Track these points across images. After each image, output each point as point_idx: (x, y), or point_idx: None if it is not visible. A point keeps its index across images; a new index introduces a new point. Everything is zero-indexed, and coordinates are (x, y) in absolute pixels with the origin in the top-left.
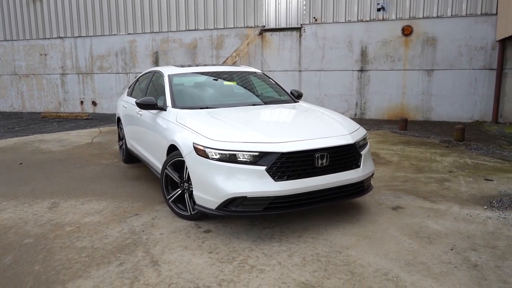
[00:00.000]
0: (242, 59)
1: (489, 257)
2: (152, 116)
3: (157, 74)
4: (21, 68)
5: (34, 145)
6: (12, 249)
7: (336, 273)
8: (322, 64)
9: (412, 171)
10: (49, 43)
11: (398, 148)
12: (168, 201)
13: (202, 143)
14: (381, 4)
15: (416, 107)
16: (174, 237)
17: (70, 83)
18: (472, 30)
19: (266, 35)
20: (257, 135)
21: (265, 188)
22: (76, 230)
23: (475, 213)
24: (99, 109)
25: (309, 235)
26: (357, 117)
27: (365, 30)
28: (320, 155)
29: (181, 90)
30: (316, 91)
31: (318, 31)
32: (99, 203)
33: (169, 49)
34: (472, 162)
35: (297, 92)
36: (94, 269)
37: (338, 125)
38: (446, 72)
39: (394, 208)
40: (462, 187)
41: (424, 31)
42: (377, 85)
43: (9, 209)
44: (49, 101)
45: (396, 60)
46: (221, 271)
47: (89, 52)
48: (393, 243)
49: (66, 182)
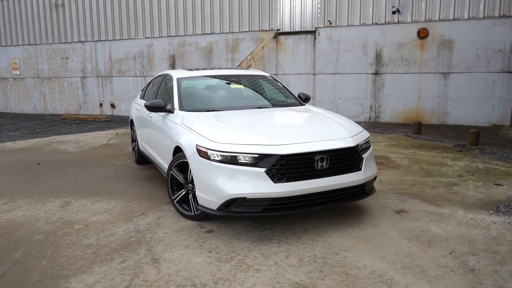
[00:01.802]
0: (257, 62)
1: (488, 262)
2: (160, 118)
3: (167, 77)
4: (44, 71)
5: (53, 146)
6: (22, 244)
7: (331, 274)
8: (336, 67)
9: (421, 175)
10: (70, 47)
11: (410, 152)
12: (173, 201)
13: (205, 145)
14: (396, 6)
15: (432, 111)
16: (177, 237)
17: (90, 86)
18: (490, 33)
19: (280, 39)
20: (258, 137)
21: (264, 189)
22: (84, 228)
23: (479, 218)
24: (117, 111)
25: (309, 237)
26: (372, 120)
27: (380, 33)
28: (320, 158)
29: (188, 93)
30: (331, 94)
31: (332, 34)
32: (108, 203)
33: (185, 52)
34: (484, 166)
35: (304, 95)
36: (98, 265)
37: (340, 128)
38: (462, 75)
39: (397, 211)
40: (470, 192)
41: (440, 33)
42: (392, 88)
43: (24, 207)
44: (69, 103)
45: (411, 63)
46: (218, 270)
47: (108, 56)
48: (392, 246)
49: (79, 182)
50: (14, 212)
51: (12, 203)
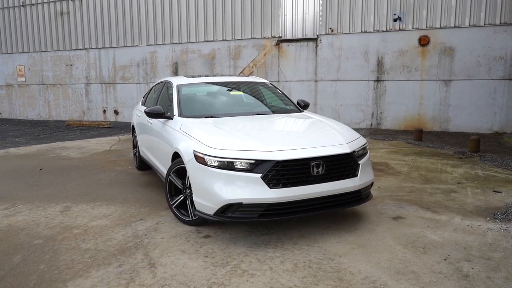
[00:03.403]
0: (259, 69)
1: (482, 268)
2: (160, 124)
3: (167, 84)
4: (48, 78)
5: (56, 152)
6: (22, 249)
7: (325, 279)
8: (338, 74)
9: (419, 182)
10: (74, 54)
11: (410, 159)
12: (171, 207)
13: (202, 150)
14: (397, 14)
15: (433, 118)
16: (174, 241)
17: (94, 92)
18: (491, 40)
19: (282, 46)
20: (255, 143)
21: (260, 195)
22: (83, 233)
23: (476, 225)
24: (121, 117)
25: (305, 243)
26: (373, 127)
27: (382, 40)
28: (315, 164)
29: (188, 100)
30: (332, 101)
31: (334, 41)
32: (108, 208)
33: (188, 59)
34: (484, 173)
35: (303, 102)
36: (95, 269)
37: (336, 134)
38: (464, 83)
39: (394, 218)
40: (468, 199)
41: (441, 41)
42: (393, 95)
43: (24, 212)
44: (74, 110)
45: (413, 70)
46: (213, 275)
47: (112, 63)
48: (387, 252)
49: (80, 187)
50: (14, 217)
51: (13, 208)
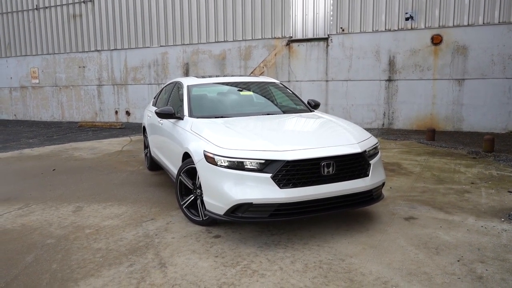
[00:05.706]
0: (269, 69)
1: (496, 270)
2: (171, 125)
3: (178, 84)
4: (61, 80)
5: (68, 153)
6: (35, 248)
7: (336, 280)
8: (349, 74)
9: (432, 182)
10: (87, 56)
11: (422, 159)
12: (182, 207)
13: (212, 150)
14: (409, 13)
15: (446, 117)
16: (184, 241)
17: (106, 94)
18: (506, 38)
19: (293, 46)
20: (265, 143)
21: (270, 195)
22: (94, 233)
23: (490, 225)
24: (133, 118)
25: (315, 243)
26: (385, 127)
27: (393, 39)
28: (326, 164)
29: (198, 100)
30: (343, 101)
31: (345, 41)
32: (119, 208)
33: (199, 60)
34: (498, 173)
35: (314, 102)
36: (106, 269)
37: (347, 134)
38: (477, 82)
39: (406, 218)
40: (482, 199)
41: (454, 39)
42: (405, 95)
43: (37, 212)
44: (86, 111)
45: (425, 69)
46: (223, 275)
47: (123, 64)
48: (399, 253)
49: (92, 187)
50: (28, 217)
51: (26, 208)
